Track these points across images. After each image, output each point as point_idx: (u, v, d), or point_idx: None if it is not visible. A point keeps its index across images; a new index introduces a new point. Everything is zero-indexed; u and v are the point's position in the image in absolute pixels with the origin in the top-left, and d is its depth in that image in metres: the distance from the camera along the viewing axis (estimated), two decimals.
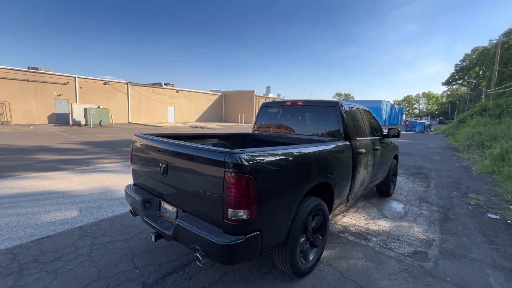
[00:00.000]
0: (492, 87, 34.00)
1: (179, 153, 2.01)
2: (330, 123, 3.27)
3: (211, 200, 1.79)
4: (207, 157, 1.77)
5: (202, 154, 1.82)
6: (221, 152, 1.70)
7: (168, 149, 2.11)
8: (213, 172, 1.75)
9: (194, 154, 1.88)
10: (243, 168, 1.65)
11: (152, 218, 2.29)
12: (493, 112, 22.03)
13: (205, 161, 1.80)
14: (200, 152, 1.84)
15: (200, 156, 1.84)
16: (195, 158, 1.88)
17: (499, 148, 7.66)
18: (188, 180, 1.99)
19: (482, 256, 2.93)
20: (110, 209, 3.89)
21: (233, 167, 1.64)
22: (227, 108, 38.08)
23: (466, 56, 69.39)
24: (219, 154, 1.70)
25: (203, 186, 1.84)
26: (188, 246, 1.93)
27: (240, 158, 1.66)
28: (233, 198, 1.65)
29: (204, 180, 1.84)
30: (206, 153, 1.80)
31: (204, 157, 1.80)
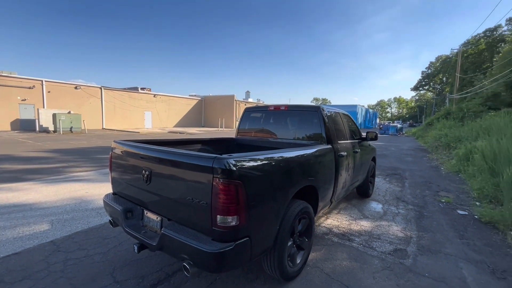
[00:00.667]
0: (455, 93, 36.79)
1: (164, 160, 1.95)
2: (312, 127, 3.34)
3: (198, 207, 1.74)
4: (195, 163, 1.73)
5: (189, 160, 1.78)
6: (209, 157, 1.67)
7: (152, 156, 2.04)
8: (200, 178, 1.71)
9: (180, 161, 1.82)
10: (231, 173, 1.63)
11: (135, 228, 2.18)
12: (456, 115, 23.86)
13: (192, 167, 1.75)
14: (187, 158, 1.80)
15: (186, 162, 1.79)
16: (181, 164, 1.83)
17: (464, 149, 8.27)
18: (173, 187, 1.93)
19: (455, 251, 3.12)
20: (86, 220, 3.65)
21: (222, 173, 1.61)
22: (207, 112, 37.68)
23: (431, 64, 74.54)
24: (207, 160, 1.67)
25: (190, 193, 1.79)
26: (175, 255, 1.86)
27: (229, 163, 1.64)
28: (222, 204, 1.62)
29: (191, 187, 1.79)
30: (193, 159, 1.75)
31: (191, 163, 1.76)
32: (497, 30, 46.53)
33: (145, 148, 2.14)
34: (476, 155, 7.01)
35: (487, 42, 46.97)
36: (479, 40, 48.22)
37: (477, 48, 48.80)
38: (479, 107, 22.70)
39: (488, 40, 46.81)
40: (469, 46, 48.85)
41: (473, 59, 50.05)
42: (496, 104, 22.59)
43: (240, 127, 4.19)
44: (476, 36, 48.37)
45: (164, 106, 32.17)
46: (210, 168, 1.64)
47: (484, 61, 48.35)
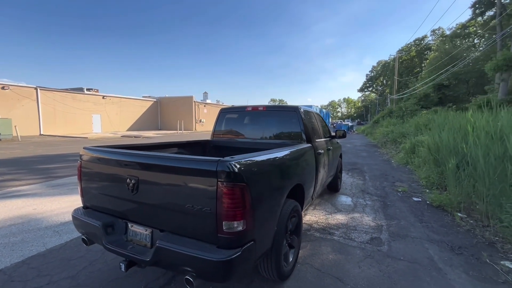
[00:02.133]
0: (394, 93, 41.43)
1: (156, 166, 1.77)
2: (291, 126, 3.42)
3: (200, 215, 1.63)
4: (195, 168, 1.62)
5: (188, 165, 1.65)
6: (212, 161, 1.58)
7: (140, 162, 1.84)
8: (202, 184, 1.60)
9: (178, 166, 1.68)
10: (236, 176, 1.56)
11: (118, 244, 1.95)
12: (397, 114, 26.95)
13: (192, 172, 1.63)
14: (186, 162, 1.66)
15: (185, 167, 1.66)
16: (178, 170, 1.68)
17: (409, 143, 9.35)
18: (168, 195, 1.77)
19: (419, 234, 3.50)
20: (40, 241, 3.14)
21: (227, 176, 1.54)
22: (164, 115, 35.80)
23: (373, 67, 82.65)
24: (209, 164, 1.57)
25: (189, 200, 1.66)
26: (175, 269, 1.71)
27: (233, 166, 1.57)
28: (228, 209, 1.54)
29: (190, 194, 1.66)
30: (194, 163, 1.63)
31: (191, 168, 1.63)
32: (424, 39, 53.78)
33: (130, 154, 1.93)
34: (421, 148, 7.98)
35: (417, 50, 53.91)
36: (410, 48, 55.09)
37: (409, 54, 55.64)
38: (414, 106, 25.93)
39: (418, 48, 53.77)
40: (403, 53, 55.48)
41: (406, 64, 56.91)
42: (427, 104, 26.11)
43: (216, 129, 4.07)
44: (408, 44, 55.25)
45: (115, 109, 29.60)
46: (213, 172, 1.55)
47: (415, 66, 55.45)
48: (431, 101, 26.33)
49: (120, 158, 1.94)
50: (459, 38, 40.02)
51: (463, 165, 4.55)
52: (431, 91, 27.17)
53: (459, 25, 41.89)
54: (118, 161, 1.96)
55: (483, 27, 33.62)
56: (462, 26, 40.93)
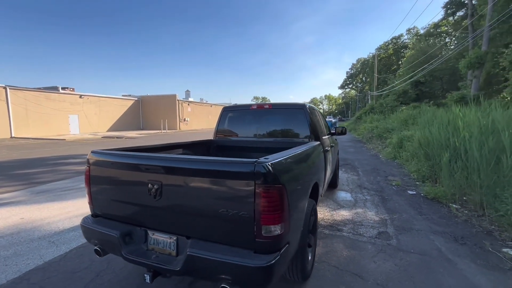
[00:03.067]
0: (374, 90, 42.85)
1: (184, 170, 1.67)
2: (299, 124, 3.39)
3: (236, 219, 1.55)
4: (231, 170, 1.54)
5: (222, 168, 1.56)
6: (249, 162, 1.50)
7: (165, 166, 1.72)
8: (238, 187, 1.53)
9: (211, 169, 1.59)
10: (275, 177, 1.51)
11: (139, 254, 1.82)
12: (379, 110, 27.94)
13: (227, 175, 1.55)
14: (220, 165, 1.58)
15: (219, 170, 1.57)
16: (211, 173, 1.59)
17: (396, 138, 9.69)
18: (197, 200, 1.67)
19: (422, 226, 3.62)
20: (36, 254, 2.90)
21: (265, 178, 1.47)
22: (146, 114, 34.67)
23: (353, 65, 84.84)
24: (246, 165, 1.50)
25: (223, 204, 1.57)
26: (209, 278, 1.62)
27: (271, 167, 1.51)
28: (267, 213, 1.48)
29: (225, 198, 1.58)
30: (229, 165, 1.55)
31: (225, 171, 1.55)
32: (400, 38, 55.98)
33: (153, 157, 1.80)
34: (408, 143, 8.29)
35: (394, 48, 56.01)
36: (388, 46, 57.14)
37: (387, 52, 57.69)
38: (394, 102, 26.97)
39: (395, 47, 55.87)
40: (381, 50, 57.42)
41: (384, 62, 58.94)
42: (405, 100, 27.25)
43: (219, 128, 3.96)
44: (386, 42, 57.30)
45: (94, 108, 28.22)
46: (251, 174, 1.48)
47: (393, 64, 57.60)
48: (409, 97, 27.49)
49: (140, 162, 1.81)
50: (432, 37, 42.10)
51: (455, 158, 4.76)
52: (409, 88, 28.34)
53: (431, 25, 44.15)
54: (138, 165, 1.82)
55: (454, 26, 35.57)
56: (434, 25, 43.16)
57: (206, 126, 39.34)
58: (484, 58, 17.12)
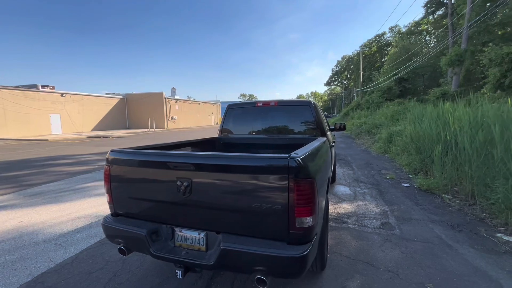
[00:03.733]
0: (360, 87, 43.89)
1: (215, 166, 1.70)
2: (306, 120, 3.48)
3: (269, 213, 1.61)
4: (265, 165, 1.59)
5: (257, 163, 1.61)
6: (283, 157, 1.57)
7: (196, 163, 1.74)
8: (273, 181, 1.58)
9: (244, 165, 1.64)
10: (307, 171, 1.58)
11: (168, 251, 1.85)
12: (365, 106, 28.69)
13: (262, 170, 1.60)
14: (253, 160, 1.63)
15: (253, 166, 1.62)
16: (244, 168, 1.64)
17: (386, 133, 10.04)
18: (229, 196, 1.71)
19: (420, 216, 3.83)
20: (45, 257, 2.84)
21: (298, 172, 1.54)
22: (132, 112, 33.78)
23: (338, 62, 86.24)
24: (281, 160, 1.56)
25: (256, 199, 1.63)
26: (243, 270, 1.68)
27: (303, 161, 1.58)
28: (300, 205, 1.55)
29: (258, 192, 1.63)
30: (263, 160, 1.61)
31: (259, 166, 1.60)
32: (383, 36, 57.48)
33: (183, 155, 1.82)
34: (398, 137, 8.62)
35: (377, 46, 57.45)
36: (372, 43, 58.53)
37: (371, 50, 59.08)
38: (379, 99, 27.77)
39: (378, 44, 57.33)
40: (365, 48, 58.76)
41: (368, 59, 60.34)
42: (390, 96, 28.13)
43: (224, 126, 3.98)
44: (370, 40, 58.67)
45: (77, 107, 27.18)
46: (285, 168, 1.54)
47: (376, 61, 59.09)
48: (394, 93, 28.38)
49: (169, 160, 1.82)
50: (413, 35, 43.54)
51: (445, 151, 5.03)
52: (393, 85, 29.24)
53: (412, 23, 45.67)
54: (166, 163, 1.83)
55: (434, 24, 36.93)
56: (415, 24, 44.67)
57: (195, 124, 38.88)
58: (463, 56, 17.91)
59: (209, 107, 45.30)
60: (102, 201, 4.69)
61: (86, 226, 3.62)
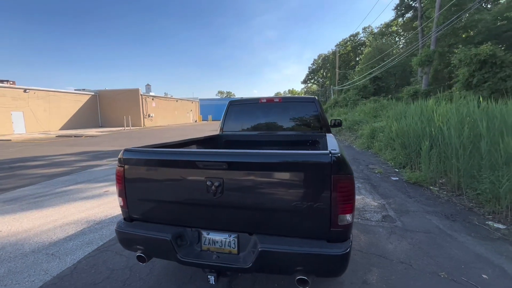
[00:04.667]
0: (336, 85, 45.31)
1: (252, 164, 1.62)
2: (311, 117, 3.48)
3: (310, 211, 1.56)
4: (306, 162, 1.54)
5: (296, 159, 1.56)
6: (324, 153, 1.53)
7: (228, 161, 1.63)
8: (315, 178, 1.54)
9: (284, 162, 1.57)
10: (347, 167, 1.55)
11: (196, 256, 1.74)
12: (342, 103, 29.69)
13: (301, 167, 1.55)
14: (293, 157, 1.57)
15: (293, 163, 1.57)
16: (284, 166, 1.58)
17: (369, 129, 10.44)
18: (266, 195, 1.63)
19: (416, 208, 4.02)
20: (38, 269, 2.56)
21: (340, 169, 1.51)
22: (105, 110, 31.89)
23: (315, 60, 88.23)
24: (322, 157, 1.52)
25: (296, 197, 1.57)
26: (283, 271, 1.62)
27: (342, 157, 1.55)
28: (342, 202, 1.53)
29: (298, 190, 1.58)
30: (303, 157, 1.56)
31: (300, 163, 1.56)
32: (357, 36, 59.76)
33: (213, 153, 1.70)
34: (381, 133, 9.00)
35: (352, 45, 59.61)
36: (347, 43, 60.59)
37: (346, 49, 61.15)
38: (356, 96, 28.88)
39: (353, 44, 59.50)
40: (340, 47, 60.67)
41: (343, 58, 62.39)
42: (365, 94, 29.38)
43: (226, 123, 3.86)
44: (345, 39, 60.73)
45: (43, 104, 25.05)
46: (328, 165, 1.50)
47: (351, 60, 61.34)
48: (369, 91, 29.67)
49: (199, 159, 1.69)
50: (385, 36, 45.79)
51: (431, 146, 5.33)
52: (369, 83, 30.54)
53: (383, 25, 48.01)
54: (194, 162, 1.70)
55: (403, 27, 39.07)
56: (386, 25, 47.00)
57: (173, 122, 37.69)
58: (432, 57, 19.14)
59: (187, 105, 44.10)
60: (90, 205, 4.35)
61: (79, 233, 3.33)
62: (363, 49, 53.73)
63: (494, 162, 3.66)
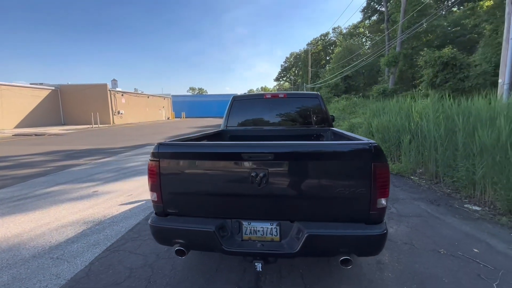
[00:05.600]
0: (309, 83, 46.72)
1: (298, 154, 1.71)
2: (316, 112, 3.65)
3: (352, 196, 1.70)
4: (350, 151, 1.69)
5: (341, 149, 1.69)
6: (366, 143, 1.68)
7: (274, 152, 1.72)
8: (357, 166, 1.68)
9: (329, 151, 1.69)
10: (383, 155, 1.71)
11: (238, 246, 1.80)
12: None
13: (345, 156, 1.69)
14: (337, 147, 1.70)
15: (337, 152, 1.69)
16: (329, 155, 1.70)
17: (347, 125, 11.03)
18: (310, 183, 1.74)
19: (403, 196, 4.41)
20: (48, 273, 2.40)
21: (378, 156, 1.67)
22: (68, 106, 29.38)
23: (287, 58, 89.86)
24: (364, 145, 1.68)
25: (339, 184, 1.70)
26: (328, 253, 1.74)
27: (380, 146, 1.71)
28: (381, 187, 1.69)
29: (341, 177, 1.71)
30: (346, 147, 1.70)
31: (344, 152, 1.69)
32: (327, 35, 62.04)
33: (258, 145, 1.76)
34: (360, 129, 9.56)
35: (322, 45, 61.75)
36: (318, 42, 62.61)
37: (317, 48, 63.16)
38: (328, 94, 30.12)
39: (323, 43, 61.66)
40: (311, 46, 62.55)
41: (314, 57, 64.39)
42: (337, 92, 30.75)
43: (230, 118, 3.87)
44: (316, 38, 62.73)
45: None
46: (369, 153, 1.65)
47: (321, 59, 63.54)
48: (340, 89, 31.10)
49: (245, 151, 1.74)
50: (353, 36, 48.19)
51: (410, 140, 5.84)
52: (340, 82, 32.00)
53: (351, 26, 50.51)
54: (239, 154, 1.75)
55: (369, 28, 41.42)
56: (354, 26, 49.49)
57: (144, 119, 35.99)
58: (398, 58, 20.65)
59: (159, 101, 42.29)
60: (82, 206, 4.10)
61: (80, 235, 3.15)
62: (334, 48, 55.93)
63: (469, 152, 4.15)
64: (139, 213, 3.79)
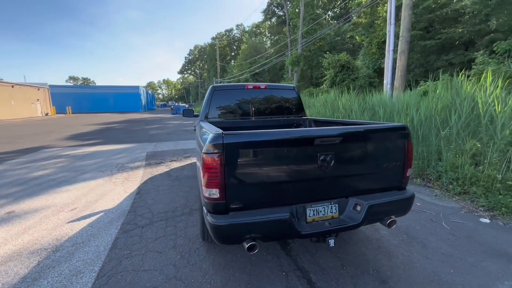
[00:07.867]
0: (218, 77, 47.08)
1: (358, 136, 1.99)
2: (293, 103, 3.93)
3: (392, 168, 2.08)
4: (394, 131, 2.10)
5: (387, 130, 2.09)
6: (401, 125, 2.08)
7: (340, 134, 1.91)
8: (397, 143, 2.09)
9: (383, 130, 2.08)
10: (410, 135, 2.17)
11: (310, 228, 1.88)
12: None
13: (389, 136, 2.09)
14: (383, 129, 2.11)
15: (384, 132, 2.09)
16: (379, 135, 2.05)
17: None
18: (364, 161, 2.04)
19: None
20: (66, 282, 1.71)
21: (409, 134, 2.12)
22: None
23: (191, 51, 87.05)
24: (401, 127, 2.08)
25: (385, 159, 2.07)
26: (381, 218, 2.04)
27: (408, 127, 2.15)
28: (410, 159, 2.14)
29: (385, 154, 2.08)
30: (391, 129, 2.10)
31: (390, 133, 2.09)
32: (231, 31, 63.86)
33: (326, 129, 1.87)
34: None
35: (227, 40, 63.16)
36: (223, 37, 63.55)
37: (222, 43, 64.17)
38: None
39: (228, 39, 63.13)
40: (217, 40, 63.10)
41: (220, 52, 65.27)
42: None
43: (210, 109, 3.62)
44: (220, 33, 63.48)
45: None
46: (405, 133, 2.07)
47: (227, 54, 65.05)
48: None
49: (315, 135, 1.84)
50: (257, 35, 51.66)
51: None
52: (250, 77, 33.88)
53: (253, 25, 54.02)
54: (312, 139, 1.83)
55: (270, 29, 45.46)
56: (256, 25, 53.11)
57: (9, 116, 26.97)
58: (300, 58, 23.75)
59: (31, 92, 32.28)
60: (6, 234, 2.95)
61: (39, 269, 2.32)
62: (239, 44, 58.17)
63: None
64: (107, 227, 3.09)
